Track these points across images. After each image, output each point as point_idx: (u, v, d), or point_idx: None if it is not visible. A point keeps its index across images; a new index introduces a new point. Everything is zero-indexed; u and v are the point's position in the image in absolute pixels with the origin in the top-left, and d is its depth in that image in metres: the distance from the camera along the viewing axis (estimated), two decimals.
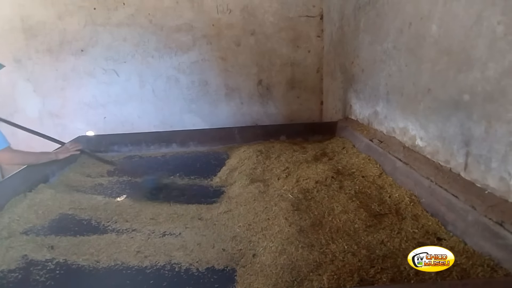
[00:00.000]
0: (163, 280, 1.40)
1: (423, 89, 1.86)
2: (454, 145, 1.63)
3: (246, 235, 1.64)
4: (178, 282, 1.39)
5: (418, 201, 1.72)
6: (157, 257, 1.54)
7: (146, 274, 1.45)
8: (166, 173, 2.54)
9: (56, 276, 1.45)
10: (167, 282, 1.39)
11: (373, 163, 2.22)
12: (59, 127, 3.72)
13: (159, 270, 1.47)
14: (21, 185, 2.16)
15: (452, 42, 1.61)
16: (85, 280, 1.44)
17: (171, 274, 1.44)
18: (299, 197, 1.88)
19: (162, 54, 3.70)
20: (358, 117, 2.85)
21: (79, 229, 1.84)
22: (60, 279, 1.44)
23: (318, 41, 3.76)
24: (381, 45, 2.31)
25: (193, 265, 1.48)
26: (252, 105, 3.92)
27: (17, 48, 3.54)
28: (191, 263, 1.49)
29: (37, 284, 1.41)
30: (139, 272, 1.46)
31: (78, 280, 1.44)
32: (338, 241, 1.50)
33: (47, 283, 1.41)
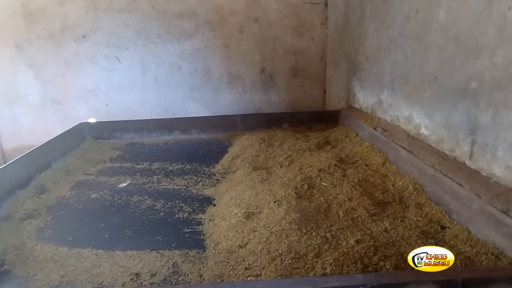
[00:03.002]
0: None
1: (429, 76, 1.84)
2: (460, 134, 1.61)
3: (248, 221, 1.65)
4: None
5: (422, 190, 1.71)
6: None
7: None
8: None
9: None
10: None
11: (377, 151, 2.21)
12: (61, 114, 3.70)
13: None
14: (23, 171, 2.16)
15: (461, 28, 1.58)
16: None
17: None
18: (302, 185, 1.88)
19: (165, 40, 3.66)
20: (362, 105, 2.82)
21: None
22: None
23: (322, 29, 3.71)
24: (387, 32, 2.27)
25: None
26: (254, 93, 3.88)
27: (18, 34, 3.49)
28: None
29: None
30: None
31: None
32: (341, 228, 1.50)
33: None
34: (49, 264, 1.44)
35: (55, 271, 1.39)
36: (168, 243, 1.57)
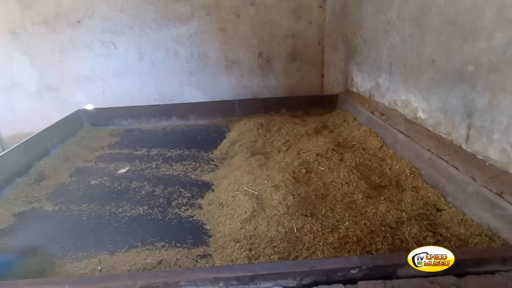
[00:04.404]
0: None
1: (426, 60, 1.83)
2: (456, 117, 1.62)
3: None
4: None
5: (419, 173, 1.73)
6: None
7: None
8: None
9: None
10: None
11: (374, 135, 2.22)
12: (57, 100, 3.68)
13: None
14: (22, 158, 2.16)
15: (458, 11, 1.57)
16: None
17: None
18: (300, 169, 1.89)
19: (161, 25, 3.61)
20: (360, 89, 2.82)
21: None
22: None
23: (320, 12, 3.66)
24: (385, 15, 2.25)
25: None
26: (252, 77, 3.86)
27: (12, 20, 3.44)
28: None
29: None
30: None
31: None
32: (338, 211, 1.52)
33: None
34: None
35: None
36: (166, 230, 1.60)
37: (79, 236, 1.58)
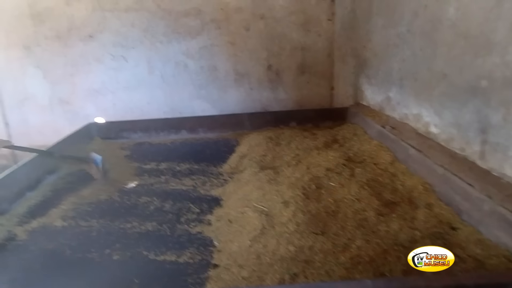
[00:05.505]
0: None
1: (438, 74, 1.81)
2: (470, 132, 1.59)
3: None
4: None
5: (432, 190, 1.69)
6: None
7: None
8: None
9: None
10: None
11: (385, 150, 2.18)
12: (69, 113, 3.72)
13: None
14: (32, 173, 2.18)
15: (470, 25, 1.55)
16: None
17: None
18: (310, 185, 1.86)
19: (171, 39, 3.64)
20: (370, 102, 2.79)
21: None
22: None
23: (329, 25, 3.66)
24: (395, 29, 2.24)
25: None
26: (261, 90, 3.86)
27: (26, 35, 3.51)
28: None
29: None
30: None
31: None
32: (350, 229, 1.49)
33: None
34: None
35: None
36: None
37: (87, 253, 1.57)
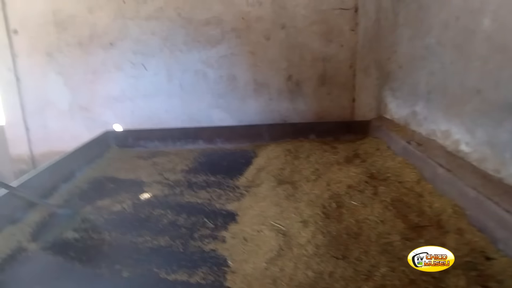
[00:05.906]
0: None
1: (471, 89, 1.70)
2: (506, 153, 1.47)
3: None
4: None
5: (463, 214, 1.57)
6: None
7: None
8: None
9: None
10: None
11: (411, 167, 2.07)
12: (88, 120, 3.74)
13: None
14: (47, 181, 2.16)
15: (508, 37, 1.44)
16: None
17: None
18: (330, 203, 1.77)
19: (190, 48, 3.63)
20: (394, 116, 2.68)
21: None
22: None
23: (352, 35, 3.57)
24: (423, 40, 2.14)
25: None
26: (281, 101, 3.79)
27: (49, 42, 3.56)
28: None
29: None
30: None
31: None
32: (373, 255, 1.38)
33: None
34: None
35: None
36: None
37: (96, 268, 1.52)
